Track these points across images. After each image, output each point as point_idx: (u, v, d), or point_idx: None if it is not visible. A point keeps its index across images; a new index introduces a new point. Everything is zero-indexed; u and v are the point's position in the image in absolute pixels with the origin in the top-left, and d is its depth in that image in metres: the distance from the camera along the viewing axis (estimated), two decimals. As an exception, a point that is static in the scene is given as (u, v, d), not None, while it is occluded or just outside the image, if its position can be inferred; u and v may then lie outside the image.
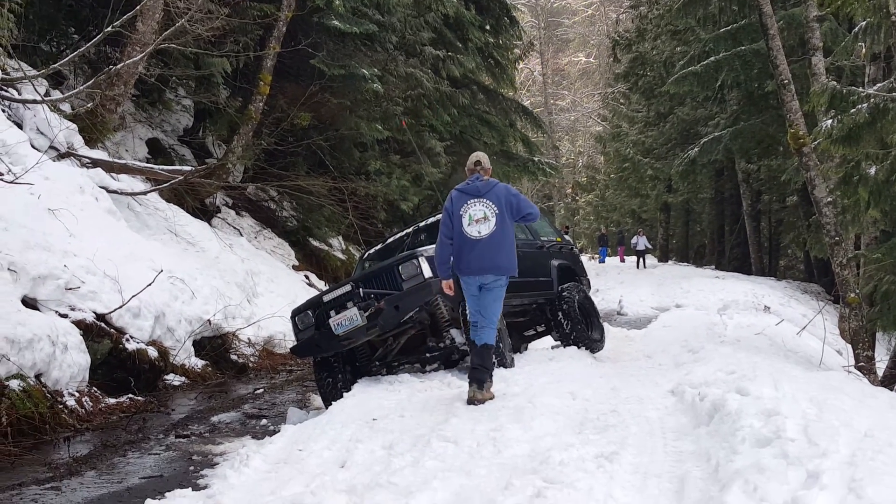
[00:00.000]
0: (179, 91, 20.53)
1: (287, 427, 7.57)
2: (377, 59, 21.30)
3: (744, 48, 22.44)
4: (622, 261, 45.35)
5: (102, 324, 10.07)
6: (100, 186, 13.08)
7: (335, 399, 8.78)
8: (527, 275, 8.80)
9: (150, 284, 10.96)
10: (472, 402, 7.27)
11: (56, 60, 14.41)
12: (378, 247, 11.68)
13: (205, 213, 17.41)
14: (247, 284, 15.08)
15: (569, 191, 72.62)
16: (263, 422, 9.17)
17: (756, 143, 27.96)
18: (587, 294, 11.88)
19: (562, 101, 72.13)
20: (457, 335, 9.24)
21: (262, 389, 11.48)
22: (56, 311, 9.45)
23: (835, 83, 12.39)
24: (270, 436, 7.54)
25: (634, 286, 27.55)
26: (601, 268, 38.82)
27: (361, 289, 9.06)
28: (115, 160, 14.90)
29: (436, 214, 11.17)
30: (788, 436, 4.71)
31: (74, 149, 13.57)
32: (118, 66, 13.90)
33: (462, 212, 7.67)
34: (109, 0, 13.23)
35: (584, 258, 29.69)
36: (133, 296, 10.55)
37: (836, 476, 4.01)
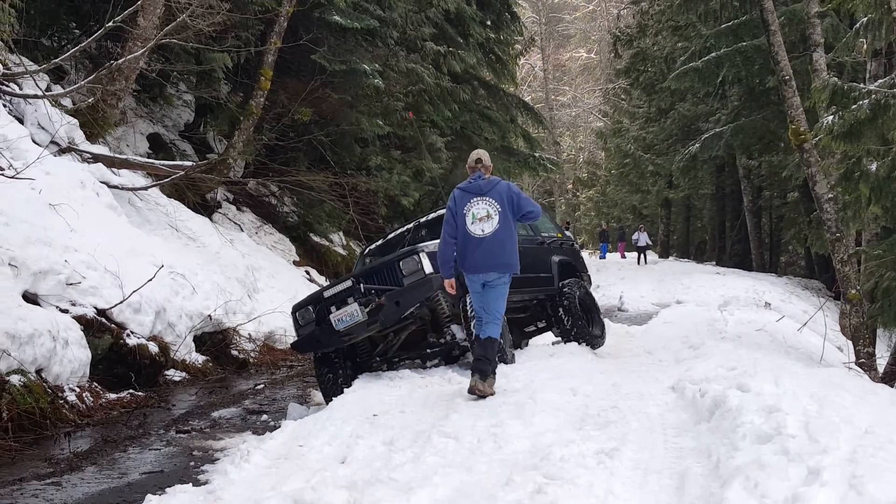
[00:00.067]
0: (180, 86, 20.51)
1: (287, 423, 7.57)
2: (378, 55, 21.29)
3: (745, 44, 22.44)
4: (623, 257, 45.35)
5: (103, 319, 10.07)
6: (101, 181, 13.08)
7: (336, 395, 8.77)
8: (528, 271, 8.80)
9: (151, 280, 10.96)
10: (473, 392, 7.26)
11: (57, 55, 14.42)
12: (379, 242, 11.67)
13: (206, 209, 17.41)
14: (247, 280, 15.08)
15: (570, 186, 72.55)
16: (264, 417, 9.16)
17: (757, 139, 27.97)
18: (588, 290, 11.87)
19: (563, 97, 72.07)
20: (457, 331, 9.25)
21: (263, 385, 11.47)
22: (57, 307, 9.44)
23: (836, 79, 12.38)
24: (271, 431, 7.53)
25: (635, 282, 27.53)
26: (602, 264, 38.82)
27: (362, 284, 9.06)
28: (116, 155, 14.91)
29: (437, 210, 11.18)
30: (789, 432, 4.70)
31: (75, 144, 13.58)
32: (119, 62, 13.90)
33: (465, 210, 7.68)
34: (110, -5, 13.25)
35: (585, 254, 29.70)
36: (134, 291, 10.55)
37: (837, 473, 4.00)
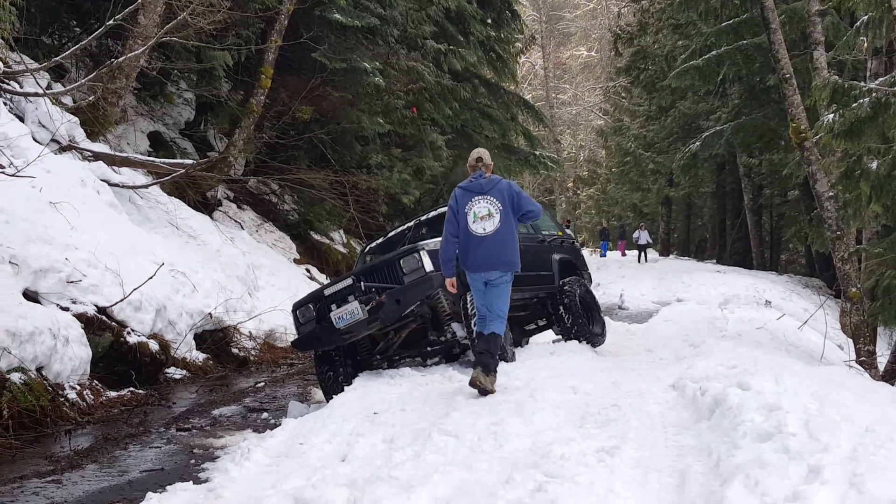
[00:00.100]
0: (181, 84, 20.51)
1: (288, 421, 7.58)
2: (379, 53, 21.29)
3: (745, 42, 22.40)
4: (623, 255, 45.39)
5: (104, 317, 10.08)
6: (101, 179, 13.08)
7: (336, 393, 8.77)
8: (528, 269, 8.80)
9: (152, 278, 10.97)
10: (474, 385, 7.27)
11: (58, 53, 14.41)
12: (379, 240, 11.66)
13: (206, 207, 17.42)
14: (248, 278, 15.09)
15: (570, 185, 72.51)
16: (264, 415, 9.17)
17: (757, 138, 27.93)
18: (588, 288, 11.86)
19: (563, 95, 71.91)
20: (458, 329, 9.24)
21: (263, 383, 11.48)
22: (57, 305, 9.45)
23: (836, 77, 12.37)
24: (271, 429, 7.53)
25: (636, 280, 27.53)
26: (602, 262, 38.85)
27: (363, 282, 9.06)
28: (117, 153, 14.91)
29: (437, 208, 11.17)
30: (790, 430, 4.70)
31: (76, 142, 13.58)
32: (120, 60, 13.89)
33: (467, 209, 7.71)
34: (111, -7, 13.25)
35: (586, 252, 29.71)
36: (134, 289, 10.56)
37: (838, 471, 4.00)
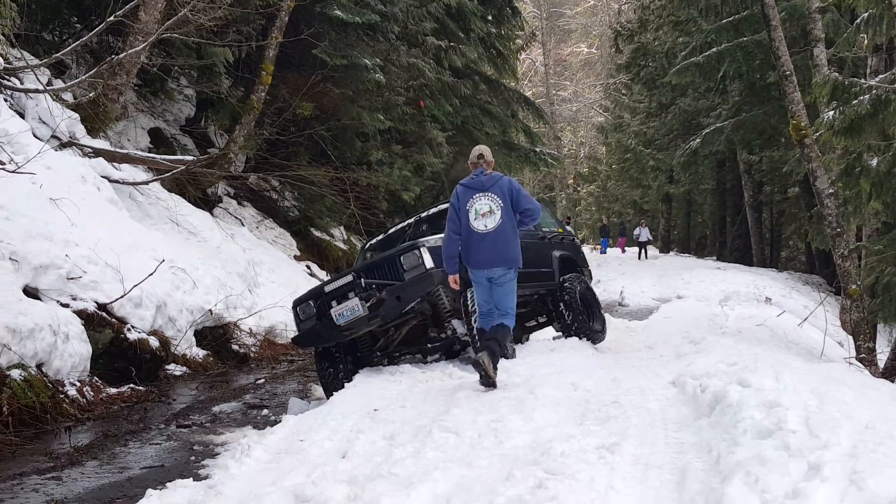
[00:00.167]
0: (181, 81, 20.50)
1: (288, 417, 7.58)
2: (379, 49, 21.28)
3: (746, 39, 22.39)
4: (623, 251, 45.43)
5: (104, 313, 10.08)
6: (102, 176, 13.07)
7: (336, 389, 8.78)
8: (528, 266, 8.80)
9: (152, 274, 10.96)
10: (478, 365, 7.38)
11: (58, 50, 14.41)
12: (380, 237, 11.67)
13: (206, 203, 17.41)
14: (248, 274, 15.08)
15: (570, 181, 72.54)
16: (265, 412, 9.18)
17: (758, 135, 27.94)
18: (588, 285, 11.87)
19: (563, 92, 71.90)
20: (458, 326, 9.25)
21: (264, 379, 11.48)
22: (57, 301, 9.45)
23: (837, 74, 12.36)
24: (272, 426, 7.53)
25: (636, 277, 27.53)
26: (603, 258, 38.86)
27: (363, 279, 9.06)
28: (117, 150, 14.90)
29: (437, 205, 11.18)
30: (790, 427, 4.70)
31: (76, 138, 13.57)
32: (120, 56, 13.88)
33: (468, 206, 7.75)
34: (111, -11, 13.24)
35: (586, 249, 29.70)
36: (135, 285, 10.55)
37: (838, 468, 4.00)
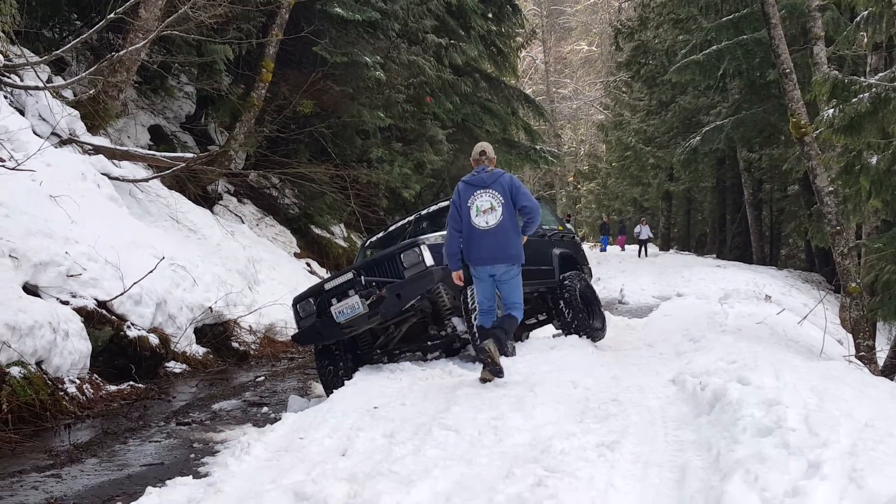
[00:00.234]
0: (182, 78, 20.49)
1: (288, 415, 7.58)
2: (379, 47, 21.27)
3: (746, 37, 22.38)
4: (622, 249, 45.42)
5: (104, 311, 10.07)
6: (102, 173, 13.06)
7: (336, 387, 8.76)
8: (529, 263, 8.80)
9: (152, 271, 10.95)
10: (484, 352, 7.48)
11: (58, 47, 14.40)
12: (380, 235, 11.66)
13: (206, 201, 17.41)
14: (248, 272, 15.08)
15: (570, 179, 72.48)
16: (264, 409, 9.17)
17: (758, 132, 27.94)
18: (588, 283, 11.87)
19: (564, 90, 71.83)
20: (458, 323, 9.25)
21: (263, 377, 11.47)
22: (57, 298, 9.44)
23: (836, 73, 12.36)
24: (271, 424, 7.54)
25: (636, 275, 27.54)
26: (602, 256, 38.86)
27: (363, 277, 9.06)
28: (117, 147, 14.89)
29: (438, 202, 11.17)
30: (789, 425, 4.70)
31: (76, 135, 13.56)
32: (121, 53, 13.87)
33: (469, 203, 7.77)
34: (112, -14, 13.22)
35: (586, 247, 29.71)
36: (134, 283, 10.55)
37: (837, 466, 4.00)
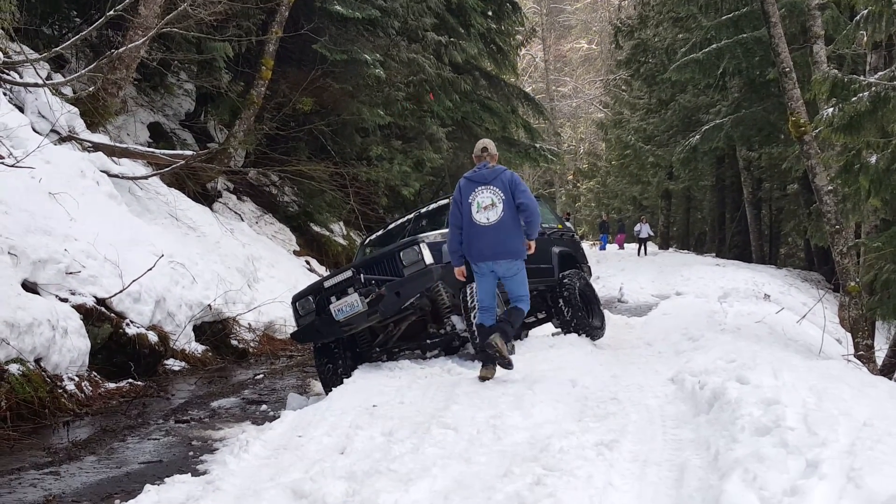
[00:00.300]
0: (181, 75, 20.49)
1: (287, 413, 7.57)
2: (379, 45, 21.26)
3: (745, 36, 22.38)
4: (621, 248, 45.44)
5: (103, 308, 10.06)
6: (101, 170, 13.05)
7: (335, 385, 8.75)
8: (528, 261, 8.80)
9: (151, 269, 10.95)
10: (491, 347, 7.47)
11: (58, 44, 14.39)
12: (379, 233, 11.66)
13: (206, 198, 17.40)
14: (247, 269, 15.07)
15: (570, 177, 72.50)
16: (263, 407, 9.16)
17: (757, 131, 27.93)
18: (588, 281, 11.85)
19: (563, 88, 71.85)
20: (458, 322, 9.23)
21: (262, 375, 11.47)
22: (56, 296, 9.44)
23: (836, 71, 12.35)
24: (270, 421, 7.53)
25: (635, 273, 27.55)
26: (602, 255, 38.86)
27: (362, 275, 9.05)
28: (117, 144, 14.88)
29: (437, 200, 11.17)
30: (788, 425, 4.70)
31: (76, 133, 13.56)
32: (120, 50, 13.86)
33: (470, 200, 7.78)
34: (111, -17, 13.23)
35: (585, 245, 29.72)
36: (133, 280, 10.54)
37: (836, 465, 4.00)
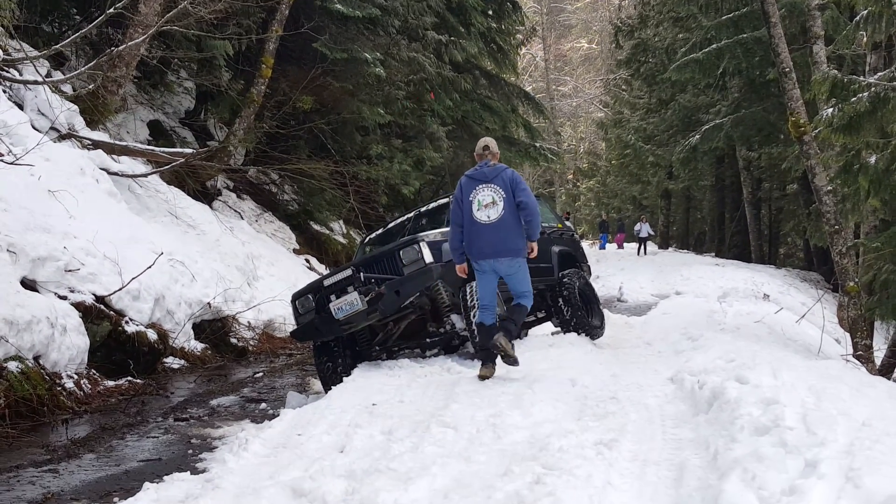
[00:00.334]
0: (181, 73, 20.49)
1: (286, 411, 7.57)
2: (380, 44, 21.25)
3: (745, 36, 22.38)
4: (620, 247, 45.43)
5: (102, 306, 10.06)
6: (100, 168, 13.04)
7: (335, 384, 8.76)
8: (528, 260, 8.82)
9: (150, 267, 10.95)
10: (495, 347, 7.48)
11: (58, 41, 14.37)
12: (379, 231, 11.65)
13: (206, 196, 17.41)
14: (247, 268, 15.08)
15: (570, 177, 72.45)
16: (262, 406, 9.16)
17: (757, 131, 27.93)
18: (588, 280, 11.85)
19: (564, 87, 71.83)
20: (457, 320, 9.23)
21: (262, 373, 11.47)
22: (55, 293, 9.43)
23: (836, 72, 12.35)
24: (269, 420, 7.53)
25: (635, 273, 27.57)
26: (602, 254, 38.88)
27: (362, 273, 9.06)
28: (117, 142, 14.88)
29: (437, 199, 11.17)
30: (787, 424, 4.70)
31: (75, 130, 13.55)
32: (120, 48, 13.85)
33: (471, 198, 7.78)
34: (111, -19, 13.20)
35: (585, 244, 29.72)
36: (133, 278, 10.54)
37: (835, 465, 4.00)
